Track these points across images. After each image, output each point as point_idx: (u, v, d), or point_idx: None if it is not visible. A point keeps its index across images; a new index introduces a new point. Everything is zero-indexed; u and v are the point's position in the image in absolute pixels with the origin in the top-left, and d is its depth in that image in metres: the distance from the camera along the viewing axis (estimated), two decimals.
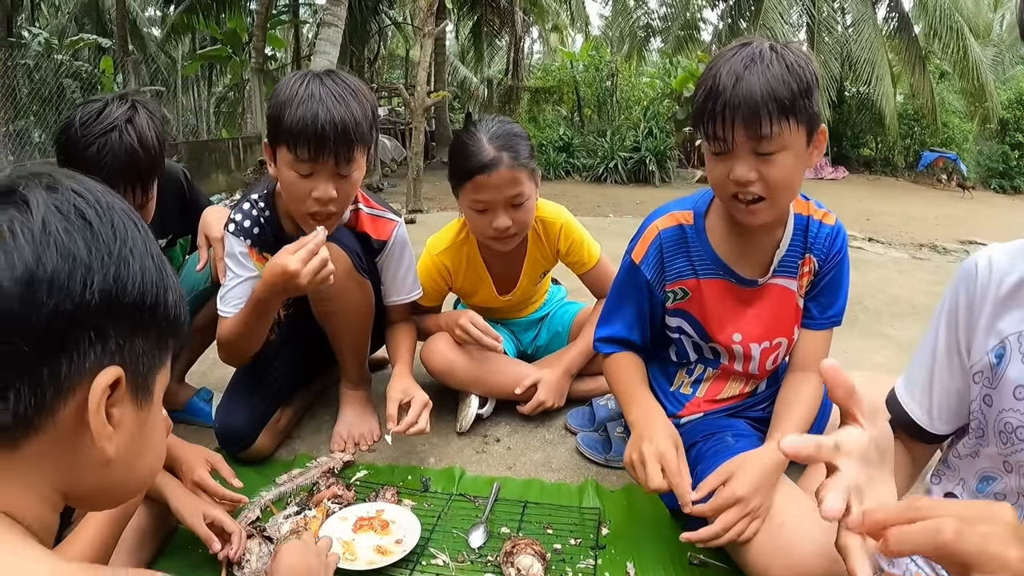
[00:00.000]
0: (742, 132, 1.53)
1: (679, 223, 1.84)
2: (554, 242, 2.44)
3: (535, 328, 2.75)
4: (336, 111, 1.87)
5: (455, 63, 26.90)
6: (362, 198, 2.26)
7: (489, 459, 2.25)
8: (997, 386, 1.18)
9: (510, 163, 2.13)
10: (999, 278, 1.19)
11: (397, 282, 2.35)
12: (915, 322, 3.71)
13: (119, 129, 1.86)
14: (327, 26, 11.76)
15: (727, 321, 1.86)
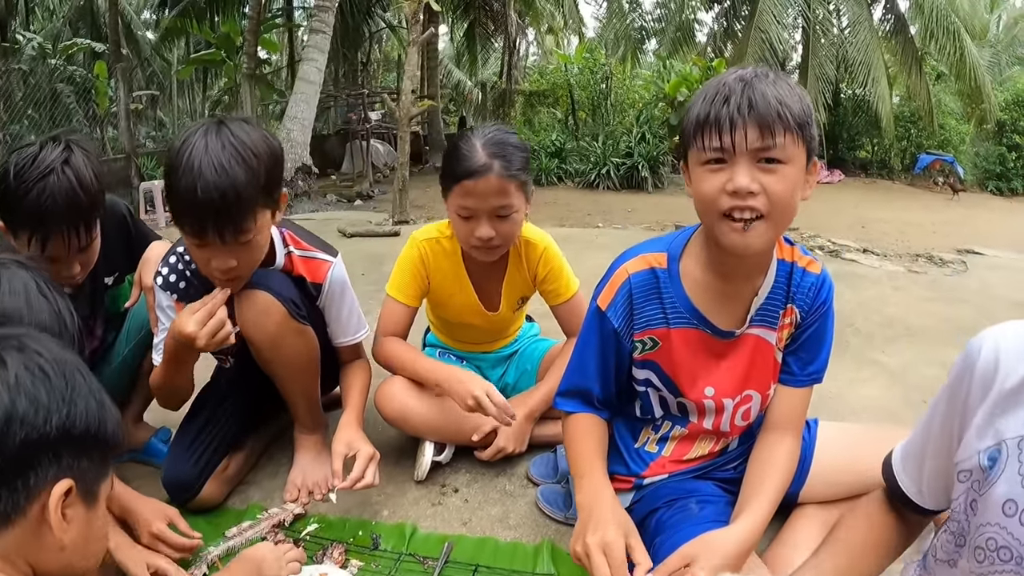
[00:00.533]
0: (752, 133, 1.42)
1: (651, 266, 1.68)
2: (534, 266, 2.34)
3: (503, 365, 2.62)
4: (216, 185, 1.71)
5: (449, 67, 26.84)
6: (291, 240, 2.16)
7: (445, 512, 2.13)
8: (985, 493, 1.02)
9: (500, 172, 2.05)
10: (1006, 370, 1.03)
11: (341, 323, 2.25)
12: (908, 346, 3.56)
13: (56, 172, 1.82)
14: (315, 32, 11.73)
15: (699, 374, 1.73)
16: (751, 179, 1.42)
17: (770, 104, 1.41)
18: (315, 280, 2.16)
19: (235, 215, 1.75)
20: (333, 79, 21.79)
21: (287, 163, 10.66)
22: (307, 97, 11.38)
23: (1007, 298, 4.75)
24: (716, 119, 1.44)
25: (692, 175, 1.55)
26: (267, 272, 2.06)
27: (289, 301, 2.03)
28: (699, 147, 1.48)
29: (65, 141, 1.89)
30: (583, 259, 5.76)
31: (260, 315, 2.00)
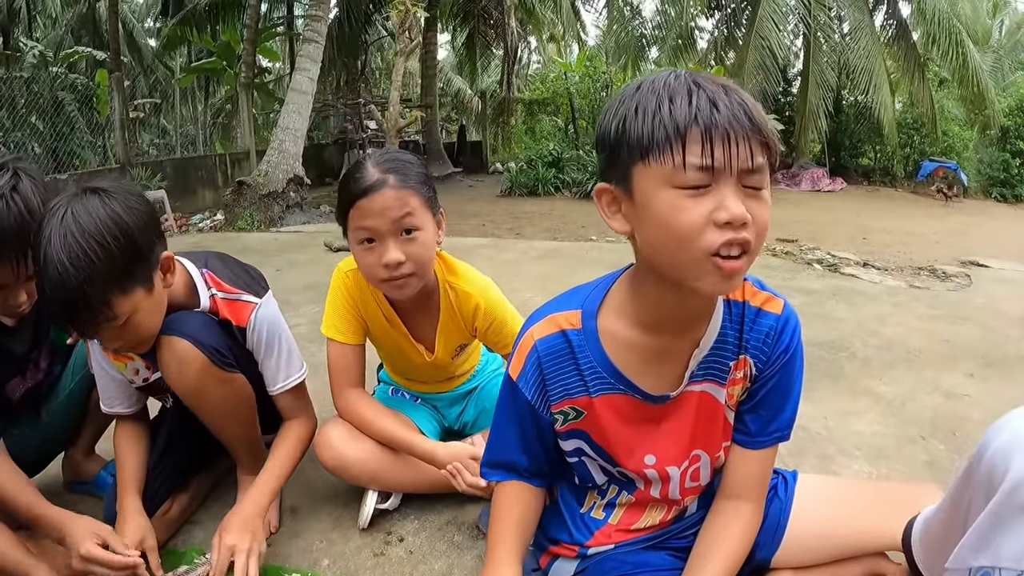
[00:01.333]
0: (745, 149, 1.13)
1: (561, 329, 1.42)
2: (470, 319, 2.13)
3: (461, 403, 2.45)
4: (59, 285, 1.60)
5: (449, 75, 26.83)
6: (213, 282, 2.01)
7: (387, 564, 1.99)
8: None
9: (396, 184, 1.86)
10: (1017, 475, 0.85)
11: (270, 369, 2.09)
12: (907, 373, 3.37)
13: (5, 198, 1.76)
14: (307, 42, 11.67)
15: (635, 443, 1.49)
16: (741, 205, 1.14)
17: (761, 115, 1.16)
18: (239, 324, 2.01)
19: (87, 311, 1.64)
20: (333, 88, 21.76)
21: (279, 174, 10.71)
22: (299, 107, 11.29)
23: (1014, 314, 4.53)
24: (708, 126, 1.12)
25: (647, 201, 1.19)
26: (188, 315, 1.93)
27: (211, 348, 1.90)
28: (674, 163, 1.13)
29: (12, 168, 1.82)
30: (572, 276, 5.68)
31: (180, 364, 1.87)
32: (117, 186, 1.73)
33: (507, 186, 15.82)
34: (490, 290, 2.14)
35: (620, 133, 1.21)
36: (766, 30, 16.23)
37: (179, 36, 19.44)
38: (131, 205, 1.70)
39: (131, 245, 1.67)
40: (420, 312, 2.15)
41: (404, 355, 2.26)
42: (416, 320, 2.18)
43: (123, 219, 1.66)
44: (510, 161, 20.11)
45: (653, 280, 1.31)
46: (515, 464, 1.54)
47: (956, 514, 0.98)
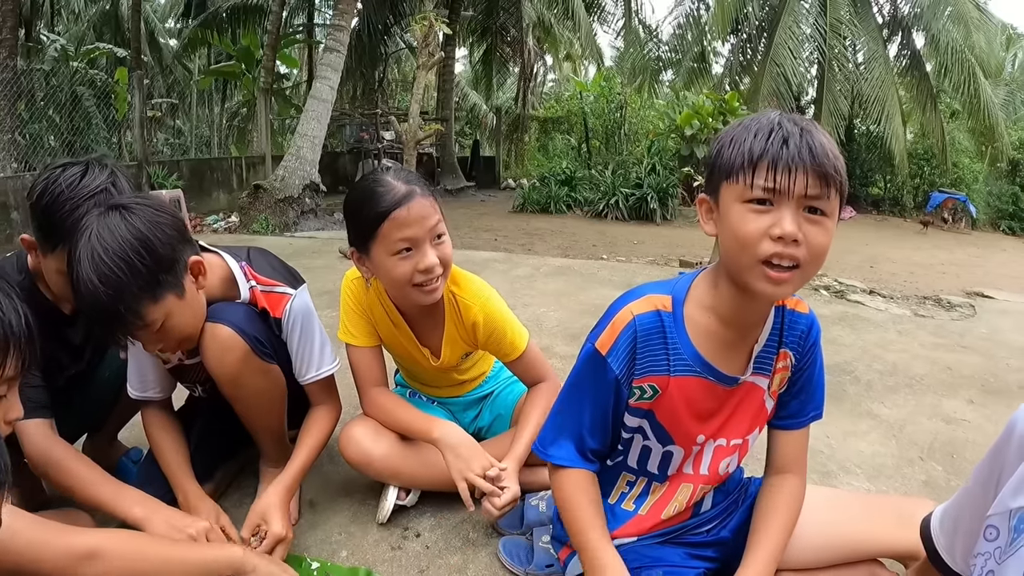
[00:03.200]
0: (810, 180, 1.35)
1: (656, 308, 1.59)
2: (470, 329, 2.21)
3: (476, 407, 2.53)
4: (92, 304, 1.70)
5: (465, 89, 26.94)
6: (251, 274, 2.10)
7: (403, 557, 2.07)
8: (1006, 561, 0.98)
9: (423, 193, 1.96)
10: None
11: (303, 360, 2.17)
12: (909, 397, 3.45)
13: (107, 191, 1.87)
14: (329, 51, 11.74)
15: (694, 423, 1.66)
16: (798, 226, 1.36)
17: (828, 155, 1.36)
18: (276, 315, 2.10)
19: (120, 323, 1.74)
20: (350, 97, 21.90)
21: (295, 180, 10.81)
22: (318, 115, 11.38)
23: (1016, 345, 4.62)
24: (775, 158, 1.36)
25: (726, 211, 1.44)
26: (232, 305, 2.03)
27: (253, 338, 1.99)
28: (745, 183, 1.39)
29: (110, 165, 1.94)
30: (583, 293, 5.79)
31: (223, 351, 1.96)
32: (139, 200, 1.80)
33: (520, 202, 15.90)
34: (491, 302, 2.20)
35: (716, 157, 1.46)
36: (781, 57, 16.28)
37: (200, 38, 19.58)
38: (152, 218, 1.76)
39: (155, 257, 1.74)
40: (426, 319, 2.23)
41: (412, 359, 2.34)
42: (422, 326, 2.26)
43: (143, 233, 1.73)
44: (523, 178, 20.20)
45: (727, 279, 1.52)
46: (583, 445, 1.67)
47: (987, 486, 1.10)
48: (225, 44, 19.72)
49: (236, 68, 20.05)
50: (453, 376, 2.43)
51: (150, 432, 2.17)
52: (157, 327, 1.79)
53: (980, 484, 1.14)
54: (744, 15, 17.92)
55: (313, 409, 2.25)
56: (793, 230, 1.35)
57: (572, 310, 5.10)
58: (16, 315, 1.39)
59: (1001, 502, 1.03)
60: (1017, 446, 1.04)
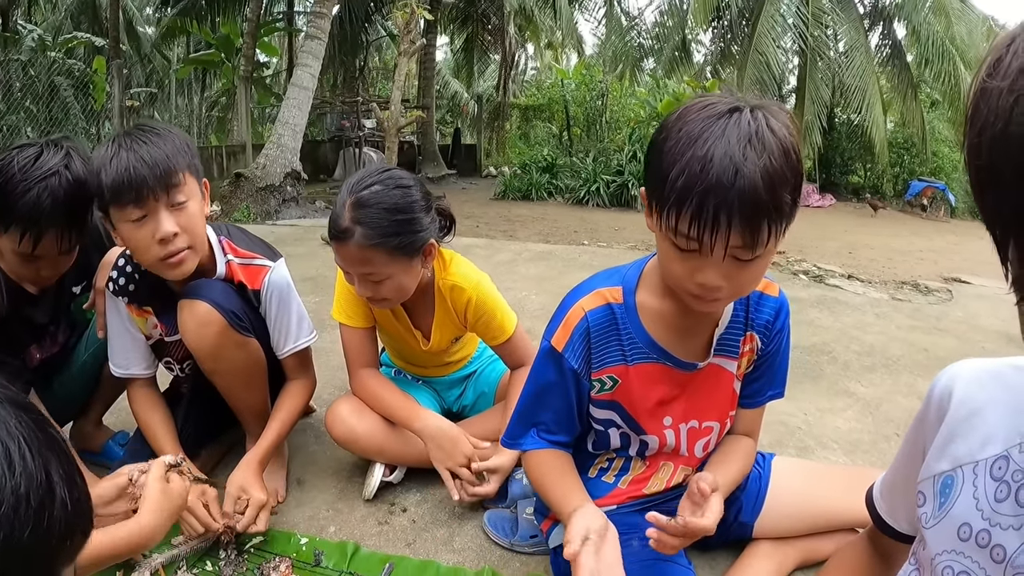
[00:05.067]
0: (735, 239, 1.24)
1: (607, 302, 1.58)
2: (462, 312, 2.24)
3: (460, 386, 2.56)
4: (143, 149, 1.81)
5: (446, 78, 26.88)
6: (230, 248, 2.13)
7: (390, 532, 2.11)
8: (940, 522, 0.98)
9: (361, 240, 1.92)
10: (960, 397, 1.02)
11: (281, 331, 2.20)
12: (885, 377, 3.51)
13: (59, 173, 1.88)
14: (310, 38, 11.70)
15: (659, 409, 1.65)
16: (720, 276, 1.30)
17: (761, 201, 1.21)
18: (253, 287, 2.13)
19: (167, 167, 1.81)
20: (331, 85, 21.80)
21: (277, 168, 10.78)
22: (299, 103, 11.34)
23: (991, 328, 4.69)
24: (697, 212, 1.23)
25: (657, 234, 1.39)
26: (208, 282, 2.05)
27: (230, 312, 2.02)
28: (668, 223, 1.29)
29: (65, 146, 1.95)
30: (565, 277, 5.82)
31: (200, 326, 1.98)
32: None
33: (501, 190, 15.92)
34: (482, 285, 2.23)
35: (652, 163, 1.36)
36: (763, 46, 16.33)
37: (178, 27, 19.39)
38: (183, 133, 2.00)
39: (189, 146, 1.92)
40: (419, 305, 2.26)
41: (404, 342, 2.37)
42: (416, 310, 2.29)
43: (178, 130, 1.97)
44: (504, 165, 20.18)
45: None
46: (550, 437, 1.68)
47: (914, 455, 1.10)
48: (204, 32, 19.56)
49: (215, 57, 19.91)
50: (441, 357, 2.46)
51: (136, 409, 2.19)
52: (184, 202, 1.87)
53: (906, 454, 1.15)
54: (726, 3, 17.96)
55: (288, 383, 2.28)
56: (715, 283, 1.31)
57: (554, 294, 5.10)
58: None
59: (927, 468, 1.04)
60: (935, 411, 1.05)
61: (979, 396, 1.00)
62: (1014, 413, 0.94)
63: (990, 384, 1.00)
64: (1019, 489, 0.89)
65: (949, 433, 1.01)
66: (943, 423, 1.02)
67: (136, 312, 2.12)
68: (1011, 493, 0.90)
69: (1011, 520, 0.89)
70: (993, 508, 0.91)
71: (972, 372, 1.04)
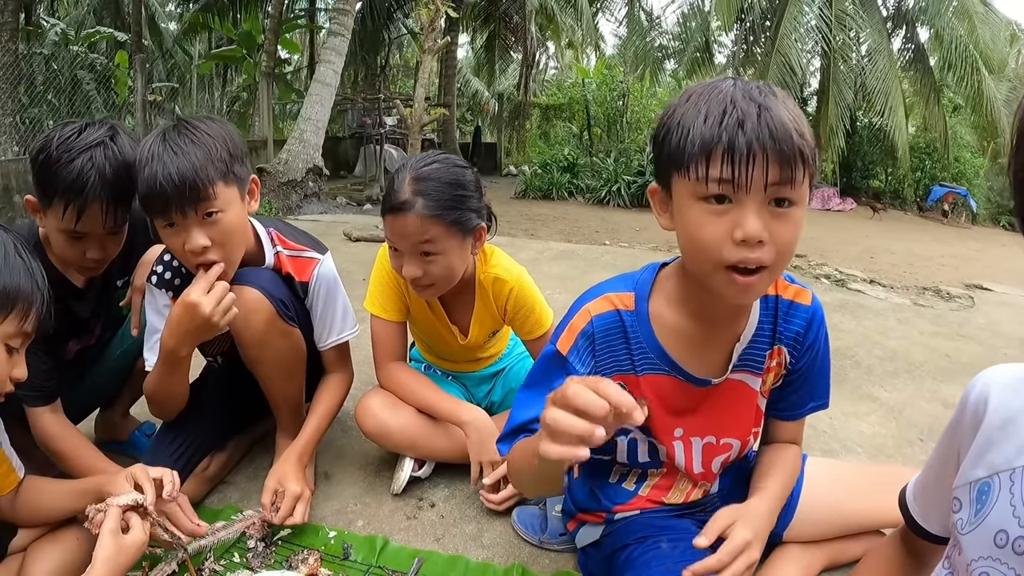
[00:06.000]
0: (772, 168, 1.19)
1: (615, 307, 1.49)
2: (503, 303, 2.25)
3: (490, 383, 2.58)
4: (173, 162, 1.78)
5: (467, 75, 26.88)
6: (279, 239, 2.16)
7: (419, 526, 2.12)
8: (973, 531, 0.98)
9: (422, 210, 1.95)
10: (995, 404, 1.02)
11: (326, 323, 2.22)
12: (909, 382, 3.51)
13: (103, 144, 1.86)
14: (333, 35, 11.74)
15: (671, 423, 1.57)
16: (763, 226, 1.21)
17: (791, 134, 1.20)
18: (302, 279, 2.15)
19: (194, 184, 1.77)
20: (352, 82, 21.85)
21: (299, 163, 10.83)
22: (322, 99, 11.39)
23: (1013, 336, 4.69)
24: (730, 146, 1.18)
25: (680, 208, 1.30)
26: (257, 270, 2.07)
27: (278, 300, 2.04)
28: (698, 177, 1.22)
29: (109, 123, 1.94)
30: (587, 277, 5.83)
31: (249, 312, 1.99)
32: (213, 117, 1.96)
33: (521, 188, 15.92)
34: (523, 277, 2.25)
35: (663, 142, 1.31)
36: (786, 47, 16.24)
37: (200, 22, 19.49)
38: (229, 126, 1.95)
39: (235, 147, 1.89)
40: (457, 299, 2.27)
41: (440, 337, 2.38)
42: (454, 305, 2.30)
43: (226, 128, 1.92)
44: (524, 164, 20.17)
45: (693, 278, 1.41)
46: None
47: (948, 459, 1.11)
48: (226, 28, 19.65)
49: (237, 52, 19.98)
50: (474, 353, 2.47)
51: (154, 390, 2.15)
52: (217, 209, 1.84)
53: (940, 458, 1.14)
54: (749, 5, 17.88)
55: (327, 376, 2.30)
56: (757, 231, 1.20)
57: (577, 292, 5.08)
58: (40, 274, 1.48)
59: (963, 475, 1.04)
60: (971, 417, 1.05)
61: (1014, 403, 1.00)
62: None
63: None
64: None
65: (985, 440, 1.01)
66: (979, 430, 1.02)
67: None
68: None
69: None
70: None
71: (1007, 379, 1.03)
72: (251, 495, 2.21)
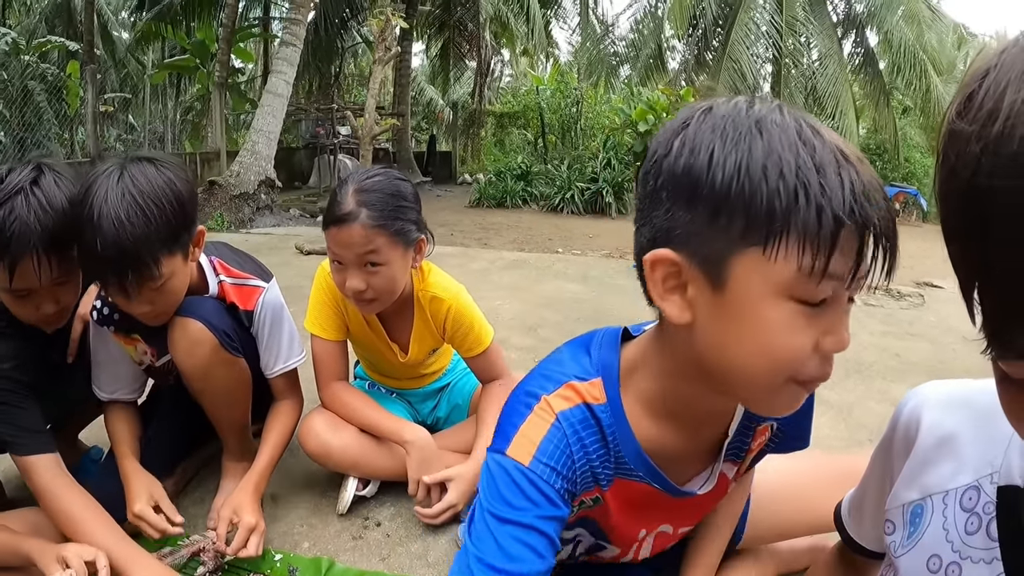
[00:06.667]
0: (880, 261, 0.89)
1: (584, 401, 1.11)
2: (440, 322, 2.23)
3: (434, 399, 2.55)
4: (114, 240, 1.64)
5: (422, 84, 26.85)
6: (222, 268, 2.10)
7: (365, 546, 2.08)
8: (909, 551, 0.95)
9: (366, 221, 1.93)
10: (928, 424, 0.98)
11: (272, 352, 2.18)
12: (858, 383, 3.54)
13: (24, 192, 1.68)
14: (285, 45, 11.67)
15: (634, 527, 1.32)
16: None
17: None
18: (246, 307, 2.10)
19: (136, 267, 1.69)
20: (306, 92, 21.72)
21: (251, 176, 10.71)
22: (274, 110, 11.28)
23: (962, 331, 4.71)
24: (864, 226, 0.85)
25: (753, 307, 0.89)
26: (201, 300, 2.02)
27: (221, 332, 1.99)
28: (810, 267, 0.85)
29: (37, 163, 1.78)
30: (539, 286, 5.84)
31: (192, 344, 1.95)
32: (166, 157, 1.83)
33: (475, 197, 15.91)
34: (461, 296, 2.23)
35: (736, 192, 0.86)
36: (737, 53, 16.46)
37: (153, 31, 19.19)
38: (182, 176, 1.79)
39: (182, 211, 1.76)
40: (396, 316, 2.25)
41: (380, 354, 2.35)
42: (393, 323, 2.27)
43: (177, 187, 1.75)
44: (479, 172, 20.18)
45: (694, 377, 1.05)
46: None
47: (882, 478, 1.07)
48: (179, 37, 19.44)
49: (190, 62, 19.78)
50: (417, 370, 2.45)
51: (108, 422, 2.16)
52: (161, 283, 1.75)
53: (874, 476, 1.11)
54: (701, 10, 18.06)
55: (277, 404, 2.25)
56: (848, 339, 0.92)
57: (528, 303, 5.14)
58: None
59: (895, 496, 1.00)
60: (903, 437, 1.01)
61: (948, 422, 0.96)
62: (985, 442, 0.90)
63: (960, 410, 0.96)
64: (990, 522, 0.86)
65: (918, 462, 0.98)
66: (911, 451, 0.99)
67: (124, 340, 2.07)
68: (982, 526, 0.87)
69: (982, 553, 0.86)
70: (963, 540, 0.88)
71: (940, 397, 1.00)
72: (197, 519, 2.16)
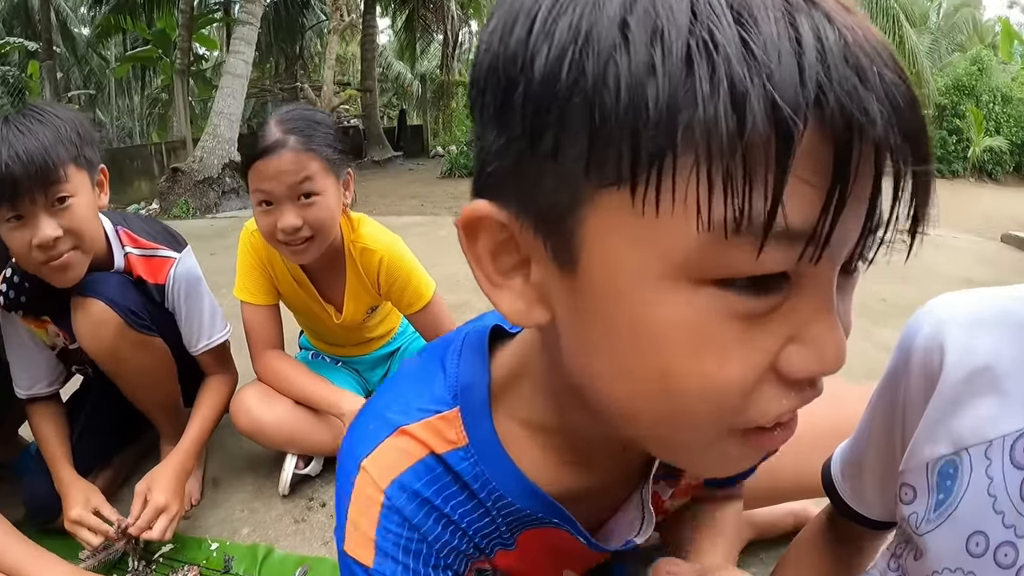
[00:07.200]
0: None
1: (431, 451, 0.73)
2: (374, 276, 2.04)
3: (384, 365, 2.37)
4: (21, 142, 1.58)
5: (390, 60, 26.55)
6: (129, 238, 1.91)
7: (308, 530, 1.93)
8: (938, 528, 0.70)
9: (296, 146, 1.76)
10: (956, 354, 0.70)
11: (193, 328, 1.99)
12: None
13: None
14: (242, 24, 11.45)
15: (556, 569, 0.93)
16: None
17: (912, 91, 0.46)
18: (156, 281, 1.91)
19: (44, 164, 1.58)
20: (272, 73, 21.44)
21: (214, 160, 10.48)
22: (234, 91, 11.03)
23: (951, 275, 4.74)
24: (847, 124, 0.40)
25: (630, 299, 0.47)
26: (104, 276, 1.83)
27: (126, 310, 1.81)
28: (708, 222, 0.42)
29: None
30: None
31: (95, 326, 1.78)
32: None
33: (447, 168, 15.76)
34: (395, 247, 2.04)
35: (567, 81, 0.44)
36: None
37: (113, 24, 18.94)
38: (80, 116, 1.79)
39: (84, 131, 1.71)
40: (328, 272, 2.07)
41: (315, 317, 2.18)
42: (324, 280, 2.09)
43: (77, 115, 1.75)
44: (451, 144, 20.03)
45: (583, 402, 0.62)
46: None
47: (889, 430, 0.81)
48: (140, 28, 19.18)
49: (153, 53, 19.56)
50: (360, 334, 2.27)
51: (34, 426, 2.00)
52: (68, 195, 1.64)
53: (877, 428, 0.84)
54: None
55: (207, 379, 2.10)
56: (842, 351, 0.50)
57: None
58: None
59: (915, 451, 0.73)
60: (920, 371, 0.73)
61: (982, 347, 0.69)
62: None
63: (996, 329, 0.70)
64: None
65: (945, 403, 0.70)
66: (935, 390, 0.71)
67: (34, 324, 1.90)
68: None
69: None
70: (1019, 509, 0.63)
71: (967, 314, 0.73)
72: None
